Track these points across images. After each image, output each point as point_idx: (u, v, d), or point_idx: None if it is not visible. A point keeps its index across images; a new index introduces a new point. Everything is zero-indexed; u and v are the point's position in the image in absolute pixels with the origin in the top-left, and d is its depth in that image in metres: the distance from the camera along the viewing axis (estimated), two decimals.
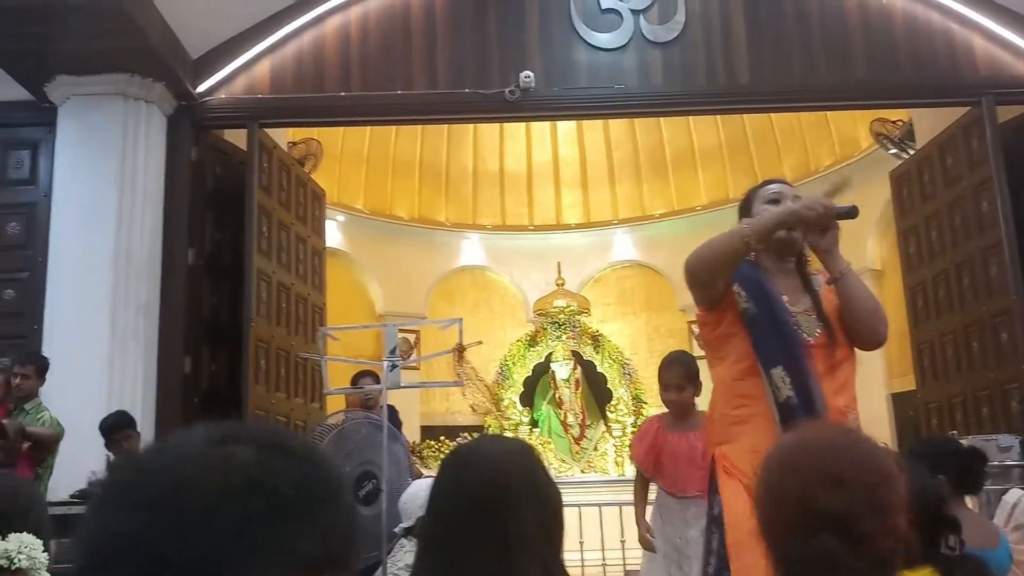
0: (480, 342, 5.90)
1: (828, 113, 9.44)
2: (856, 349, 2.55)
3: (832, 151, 10.12)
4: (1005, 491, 3.99)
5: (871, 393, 8.84)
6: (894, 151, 8.57)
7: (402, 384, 4.35)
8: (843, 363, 2.50)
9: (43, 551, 1.46)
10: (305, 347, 7.14)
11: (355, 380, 5.97)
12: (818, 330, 2.48)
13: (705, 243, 2.48)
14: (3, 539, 1.42)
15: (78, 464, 5.08)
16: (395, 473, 4.44)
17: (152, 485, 0.65)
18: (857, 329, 2.50)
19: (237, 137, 6.71)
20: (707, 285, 2.48)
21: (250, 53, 6.38)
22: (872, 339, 2.52)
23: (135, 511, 0.64)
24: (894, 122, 8.56)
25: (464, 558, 1.35)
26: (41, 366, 5.34)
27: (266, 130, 6.60)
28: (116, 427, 5.07)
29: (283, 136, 7.60)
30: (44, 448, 4.98)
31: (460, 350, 4.60)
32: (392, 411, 5.58)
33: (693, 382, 3.98)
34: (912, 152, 8.00)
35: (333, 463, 0.73)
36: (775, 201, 2.59)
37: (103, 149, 5.98)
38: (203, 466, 0.66)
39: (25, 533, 1.45)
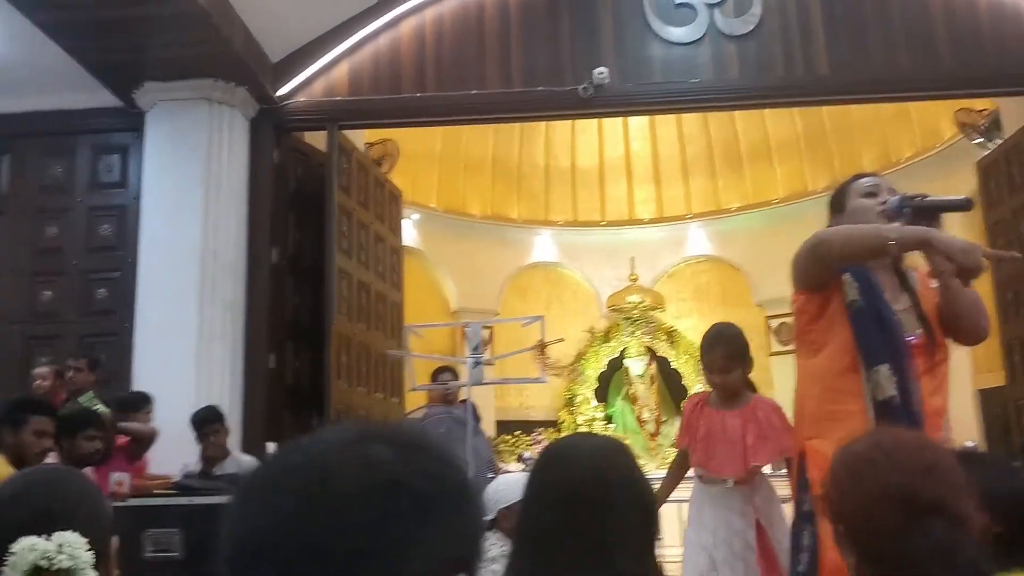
0: (562, 339, 5.94)
1: (909, 103, 9.18)
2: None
3: (913, 142, 9.85)
4: None
5: (957, 389, 8.57)
6: (979, 141, 8.31)
7: (484, 380, 4.41)
8: (941, 364, 2.47)
9: (88, 549, 1.39)
10: (384, 343, 7.27)
11: (435, 375, 6.06)
12: (918, 330, 2.44)
13: (844, 228, 2.44)
14: (47, 537, 1.37)
15: (170, 457, 5.26)
16: (477, 467, 4.50)
17: (296, 480, 0.68)
18: (960, 325, 2.46)
19: (316, 139, 6.86)
20: (831, 267, 2.41)
21: (328, 56, 6.52)
22: (974, 334, 2.48)
23: (280, 505, 0.66)
24: (979, 111, 8.29)
25: (560, 556, 1.36)
26: (94, 360, 5.54)
27: (344, 131, 6.74)
28: (207, 421, 5.25)
29: (360, 137, 7.74)
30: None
31: (542, 347, 4.63)
32: (471, 407, 5.66)
33: (742, 361, 3.50)
34: (999, 142, 7.75)
35: (461, 463, 0.75)
36: (872, 194, 2.54)
37: (189, 152, 6.18)
38: (345, 463, 0.68)
39: (70, 532, 1.39)
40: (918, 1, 6.41)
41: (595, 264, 11.68)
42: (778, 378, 11.05)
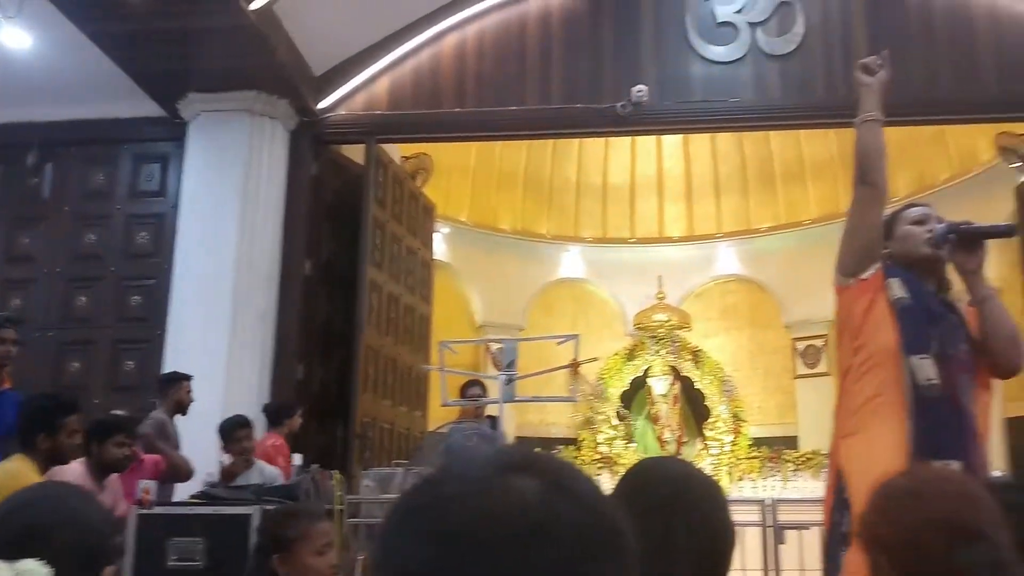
0: (595, 359, 5.91)
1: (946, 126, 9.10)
2: None
3: (950, 165, 9.75)
4: None
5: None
6: (1019, 165, 8.22)
7: (516, 398, 4.39)
8: (985, 389, 2.46)
9: None
10: (411, 357, 7.27)
11: (464, 389, 6.04)
12: (963, 345, 2.42)
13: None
14: (11, 564, 1.28)
15: (197, 465, 5.24)
16: None
17: (448, 517, 0.67)
18: (995, 356, 2.45)
19: (353, 151, 6.89)
20: (877, 190, 2.56)
21: (370, 70, 6.57)
22: (1008, 367, 2.47)
23: (425, 545, 0.66)
24: (1020, 135, 8.21)
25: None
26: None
27: (381, 145, 6.76)
28: (235, 428, 5.24)
29: (397, 151, 7.77)
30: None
31: (575, 366, 4.61)
32: (494, 422, 5.63)
33: None
34: None
35: (612, 503, 0.72)
36: (920, 222, 2.57)
37: (229, 163, 6.24)
38: (496, 502, 0.66)
39: (34, 560, 1.29)
40: (964, 24, 6.36)
41: (622, 281, 11.61)
42: (803, 401, 10.97)
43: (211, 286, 6.09)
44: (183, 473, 5.06)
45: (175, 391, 5.29)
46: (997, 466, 8.60)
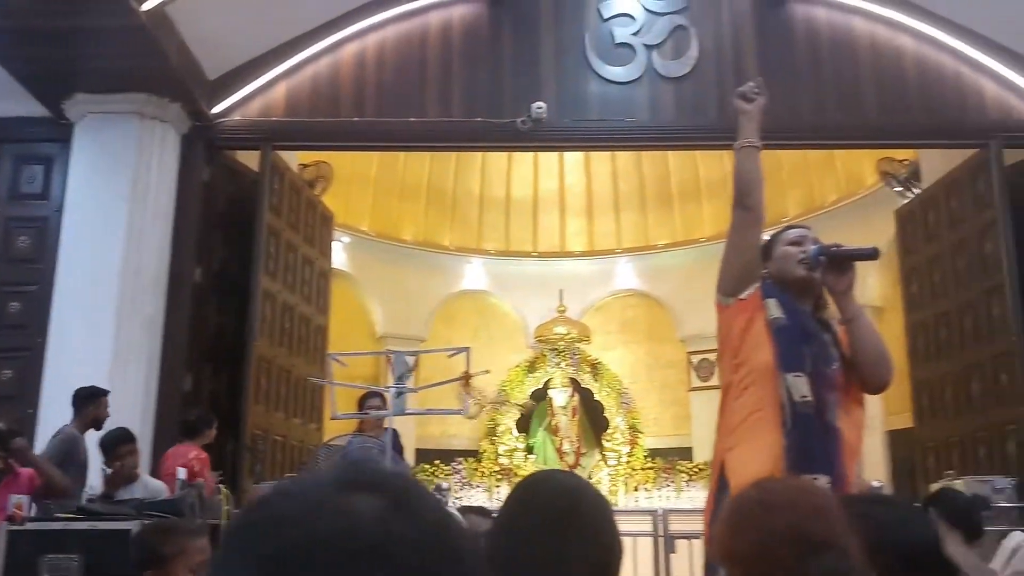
0: (488, 371, 5.92)
1: (835, 151, 9.50)
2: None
3: (837, 188, 10.18)
4: (1001, 533, 4.01)
5: (867, 429, 8.83)
6: (899, 190, 8.63)
7: (407, 411, 4.37)
8: (857, 404, 2.57)
9: None
10: (306, 368, 7.16)
11: (363, 400, 5.98)
12: (835, 364, 2.53)
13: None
14: None
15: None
16: None
17: (278, 537, 0.65)
18: (863, 372, 2.57)
19: (249, 158, 6.76)
20: (754, 215, 2.64)
21: (267, 76, 6.45)
22: (876, 383, 2.59)
23: (253, 567, 0.64)
24: (900, 161, 8.62)
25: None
26: None
27: (278, 152, 6.65)
28: (120, 442, 5.05)
29: (294, 159, 7.66)
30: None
31: (467, 378, 4.62)
32: (394, 434, 5.58)
33: None
34: (917, 192, 8.07)
35: (459, 525, 0.70)
36: (796, 244, 2.66)
37: (116, 167, 6.02)
38: (329, 522, 0.65)
39: None
40: (848, 56, 6.67)
41: (524, 294, 11.71)
42: (697, 413, 11.25)
43: (96, 293, 5.86)
44: (58, 488, 4.85)
45: (94, 407, 5.12)
46: (877, 477, 8.97)
